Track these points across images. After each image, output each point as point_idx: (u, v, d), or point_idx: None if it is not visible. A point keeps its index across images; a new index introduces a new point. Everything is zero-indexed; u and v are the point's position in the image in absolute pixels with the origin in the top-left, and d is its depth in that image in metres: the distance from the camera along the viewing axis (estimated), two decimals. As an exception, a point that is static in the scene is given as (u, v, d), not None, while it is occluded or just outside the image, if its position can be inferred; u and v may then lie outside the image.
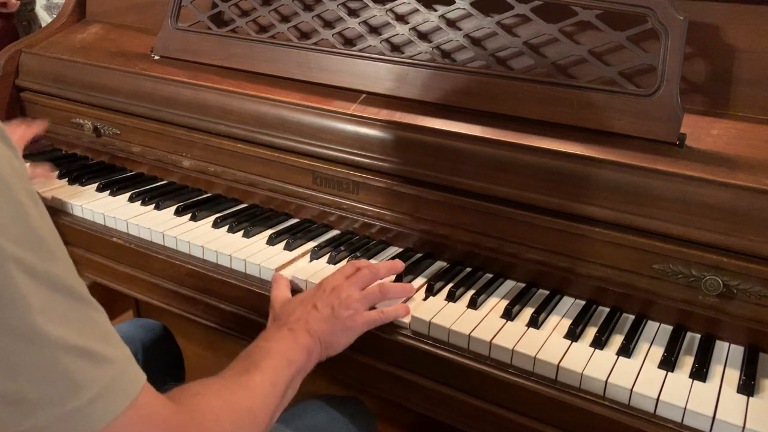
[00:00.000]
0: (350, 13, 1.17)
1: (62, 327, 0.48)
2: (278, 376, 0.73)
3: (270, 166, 1.16)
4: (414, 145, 1.02)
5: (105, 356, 0.51)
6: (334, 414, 0.96)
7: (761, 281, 0.81)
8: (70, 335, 0.48)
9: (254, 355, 0.75)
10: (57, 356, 0.47)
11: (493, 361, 0.83)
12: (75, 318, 0.49)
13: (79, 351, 0.49)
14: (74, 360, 0.48)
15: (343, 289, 0.87)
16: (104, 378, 0.50)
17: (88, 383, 0.49)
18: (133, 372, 0.54)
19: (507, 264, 0.99)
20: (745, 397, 0.76)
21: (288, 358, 0.76)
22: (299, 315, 0.83)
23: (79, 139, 1.42)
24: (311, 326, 0.82)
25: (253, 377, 0.70)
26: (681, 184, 0.84)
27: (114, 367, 0.51)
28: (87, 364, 0.49)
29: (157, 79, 1.27)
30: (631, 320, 0.90)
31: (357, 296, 0.87)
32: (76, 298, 0.50)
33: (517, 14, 1.01)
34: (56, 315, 0.48)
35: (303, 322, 0.82)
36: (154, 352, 1.18)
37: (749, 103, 0.92)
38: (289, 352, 0.77)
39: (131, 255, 1.12)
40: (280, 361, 0.75)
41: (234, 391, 0.67)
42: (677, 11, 0.89)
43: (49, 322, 0.47)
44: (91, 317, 0.51)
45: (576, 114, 0.96)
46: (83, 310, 0.51)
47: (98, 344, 0.51)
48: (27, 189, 0.49)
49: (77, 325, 0.49)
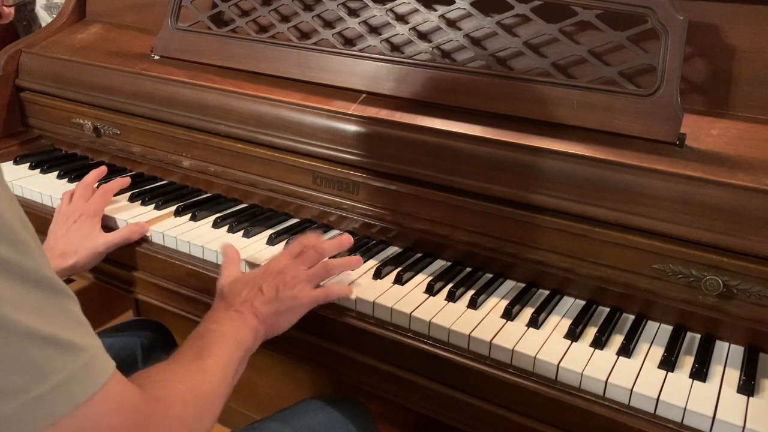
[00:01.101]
0: (350, 13, 1.17)
1: (32, 317, 0.48)
2: (229, 358, 0.76)
3: (270, 166, 1.16)
4: (414, 145, 1.02)
5: (74, 344, 0.51)
6: (333, 414, 0.96)
7: (761, 281, 0.81)
8: (39, 325, 0.49)
9: (206, 338, 0.76)
10: (25, 345, 0.48)
11: (493, 361, 0.83)
12: (46, 308, 0.50)
13: (48, 340, 0.49)
14: (41, 349, 0.49)
15: (288, 271, 0.89)
16: (71, 366, 0.50)
17: (53, 371, 0.49)
18: (102, 360, 0.54)
19: (507, 264, 0.99)
20: (745, 397, 0.76)
21: (237, 339, 0.79)
22: (245, 297, 0.85)
23: (79, 139, 1.42)
24: (257, 308, 0.84)
25: (207, 361, 0.72)
26: (681, 184, 0.84)
27: (83, 355, 0.52)
28: (54, 353, 0.49)
29: (157, 79, 1.27)
30: (631, 320, 0.90)
31: (302, 276, 0.89)
32: (48, 289, 0.50)
33: (517, 14, 1.01)
34: (26, 306, 0.48)
35: (249, 304, 0.84)
36: (153, 351, 1.18)
37: (749, 103, 0.92)
38: (238, 333, 0.80)
39: (131, 255, 1.12)
40: (230, 343, 0.77)
41: (194, 375, 0.69)
42: (677, 11, 0.89)
43: (19, 313, 0.47)
44: (62, 307, 0.52)
45: (576, 114, 0.96)
46: (55, 301, 0.51)
47: (68, 333, 0.51)
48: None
49: (47, 315, 0.50)
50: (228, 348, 0.76)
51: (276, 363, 1.54)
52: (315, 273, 0.91)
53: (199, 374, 0.69)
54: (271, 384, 1.58)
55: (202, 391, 0.68)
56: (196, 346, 0.75)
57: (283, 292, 0.87)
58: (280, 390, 1.57)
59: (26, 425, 0.48)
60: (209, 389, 0.69)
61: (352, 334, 0.92)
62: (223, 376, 0.73)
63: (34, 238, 0.51)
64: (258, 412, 1.59)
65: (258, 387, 1.61)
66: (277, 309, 0.86)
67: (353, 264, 0.97)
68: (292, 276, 0.88)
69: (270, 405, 1.49)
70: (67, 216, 1.06)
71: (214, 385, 0.70)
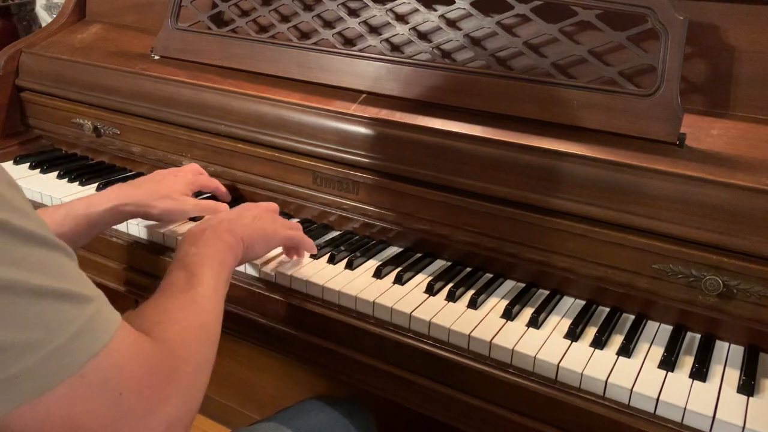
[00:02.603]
0: (350, 13, 1.17)
1: (38, 274, 0.49)
2: (216, 281, 0.76)
3: (270, 166, 1.16)
4: (414, 145, 1.02)
5: (82, 295, 0.52)
6: (333, 414, 0.96)
7: (761, 281, 0.81)
8: (46, 280, 0.49)
9: (189, 266, 0.76)
10: (35, 302, 0.48)
11: (493, 361, 0.83)
12: (50, 264, 0.51)
13: (57, 293, 0.50)
14: (53, 302, 0.49)
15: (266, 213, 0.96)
16: (83, 315, 0.51)
17: (68, 322, 0.50)
18: (109, 310, 0.55)
19: (507, 264, 0.99)
20: (745, 397, 0.76)
21: (219, 260, 0.79)
22: (220, 219, 0.88)
23: (79, 139, 1.42)
24: (233, 227, 0.86)
25: (197, 289, 0.72)
26: (681, 184, 0.84)
27: (92, 305, 0.53)
28: (66, 305, 0.50)
29: (157, 79, 1.27)
30: (631, 320, 0.90)
31: (281, 221, 0.97)
32: (49, 246, 0.51)
33: (517, 14, 1.01)
34: (31, 264, 0.49)
35: (225, 223, 0.87)
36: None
37: (749, 103, 0.93)
38: (219, 254, 0.80)
39: (131, 255, 1.12)
40: (213, 266, 0.78)
41: (186, 308, 0.69)
42: (677, 11, 0.89)
43: (25, 271, 0.48)
44: (62, 262, 0.52)
45: (576, 114, 0.96)
46: (57, 257, 0.52)
47: (74, 285, 0.52)
48: None
49: (53, 271, 0.51)
50: (213, 271, 0.77)
51: (276, 363, 1.54)
52: (290, 224, 0.99)
53: (191, 307, 0.69)
54: (271, 384, 1.58)
55: (199, 323, 0.68)
56: (181, 276, 0.75)
57: (261, 216, 0.93)
58: (281, 390, 1.57)
59: (49, 377, 0.49)
60: (205, 319, 0.70)
61: (352, 334, 0.92)
62: (215, 301, 0.73)
63: (25, 200, 0.52)
64: (258, 412, 1.59)
65: (258, 387, 1.61)
66: (254, 231, 0.89)
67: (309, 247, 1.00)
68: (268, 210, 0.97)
69: (270, 405, 1.50)
70: (167, 172, 1.12)
71: (208, 313, 0.71)
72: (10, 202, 0.49)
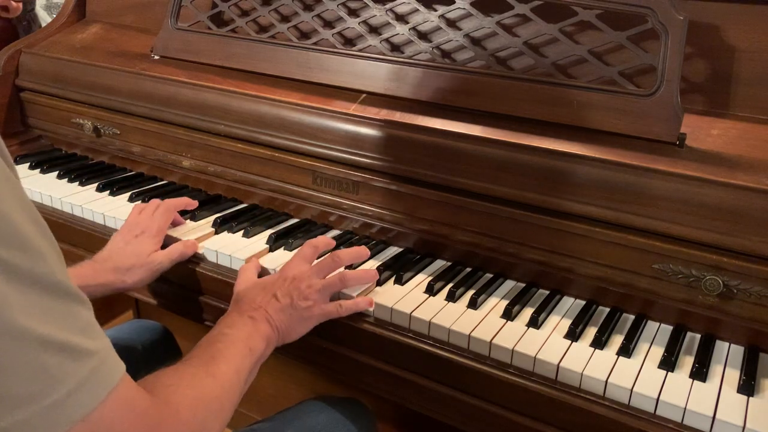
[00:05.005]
0: (350, 13, 1.17)
1: (43, 323, 0.48)
2: (241, 364, 0.75)
3: (270, 166, 1.16)
4: (414, 145, 1.02)
5: (85, 349, 0.51)
6: (334, 415, 0.96)
7: (761, 281, 0.81)
8: (50, 331, 0.49)
9: (218, 343, 0.76)
10: (37, 353, 0.48)
11: (493, 361, 0.83)
12: (56, 313, 0.50)
13: (59, 346, 0.49)
14: (54, 355, 0.49)
15: (303, 279, 0.88)
16: (83, 371, 0.51)
17: (66, 377, 0.49)
18: (112, 363, 0.54)
19: (507, 264, 0.99)
20: (745, 397, 0.76)
21: (249, 346, 0.78)
22: (260, 303, 0.85)
23: (79, 139, 1.42)
24: (271, 315, 0.84)
25: (219, 366, 0.72)
26: (681, 184, 0.84)
27: (93, 359, 0.52)
28: (66, 359, 0.50)
29: (157, 79, 1.27)
30: (631, 320, 0.90)
31: (317, 286, 0.88)
32: (58, 293, 0.51)
33: (517, 14, 1.01)
34: (37, 312, 0.48)
35: (263, 311, 0.84)
36: (154, 353, 1.18)
37: (749, 103, 0.93)
38: (250, 340, 0.79)
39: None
40: (242, 349, 0.77)
41: (203, 380, 0.68)
42: (677, 11, 0.89)
43: (30, 319, 0.48)
44: (72, 311, 0.52)
45: (576, 114, 0.96)
46: (65, 305, 0.51)
47: (78, 337, 0.51)
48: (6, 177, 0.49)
49: (58, 321, 0.50)
50: (240, 354, 0.76)
51: (276, 363, 1.54)
52: (331, 283, 0.90)
53: (208, 379, 0.69)
54: (271, 384, 1.58)
55: (212, 396, 0.67)
56: (208, 351, 0.74)
57: (298, 301, 0.86)
58: (281, 390, 1.57)
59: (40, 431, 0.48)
60: (219, 394, 0.69)
61: (352, 334, 0.92)
62: (234, 382, 0.72)
63: (48, 241, 0.51)
64: (258, 412, 1.59)
65: (258, 387, 1.60)
66: (290, 317, 0.85)
67: (369, 277, 0.94)
68: (308, 285, 0.87)
69: (270, 405, 1.49)
70: (130, 228, 1.03)
71: (224, 391, 0.70)
72: (26, 240, 0.48)
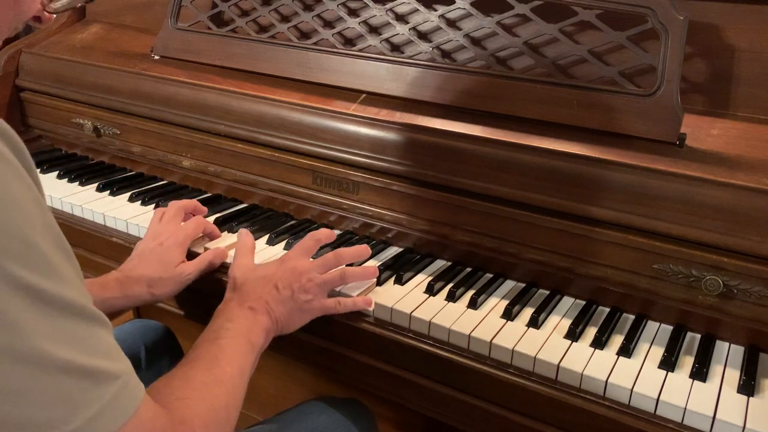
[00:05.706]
0: (350, 13, 1.17)
1: (67, 348, 0.49)
2: (244, 363, 0.76)
3: (270, 166, 1.16)
4: (414, 145, 1.02)
5: (108, 372, 0.52)
6: (335, 416, 0.95)
7: (761, 281, 0.81)
8: (74, 356, 0.49)
9: (221, 339, 0.77)
10: (61, 378, 0.48)
11: (493, 361, 0.83)
12: (80, 337, 0.50)
13: (83, 371, 0.50)
14: (77, 380, 0.49)
15: (304, 272, 0.89)
16: (105, 396, 0.51)
17: (89, 402, 0.50)
18: (133, 386, 0.55)
19: (507, 264, 0.99)
20: (745, 397, 0.76)
21: (251, 341, 0.79)
22: (260, 293, 0.85)
23: (79, 139, 1.42)
24: (271, 307, 0.84)
25: (224, 369, 0.72)
26: (681, 184, 0.84)
27: (116, 383, 0.52)
28: (89, 384, 0.50)
29: (157, 79, 1.27)
30: (631, 320, 0.90)
31: (318, 281, 0.89)
32: (82, 317, 0.51)
33: (517, 14, 1.01)
34: (61, 336, 0.48)
35: (263, 302, 0.84)
36: (156, 353, 1.18)
37: (749, 103, 0.92)
38: (251, 334, 0.80)
39: (131, 255, 1.12)
40: (244, 346, 0.78)
41: (213, 390, 0.69)
42: (677, 11, 0.89)
43: (54, 344, 0.48)
44: (96, 334, 0.52)
45: (576, 114, 0.96)
46: (89, 329, 0.51)
47: (101, 361, 0.52)
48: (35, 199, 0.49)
49: (82, 345, 0.50)
50: (242, 352, 0.77)
51: (277, 363, 1.54)
52: (331, 279, 0.90)
53: (216, 387, 0.70)
54: (271, 384, 1.58)
55: (221, 406, 0.68)
56: (211, 351, 0.75)
57: (298, 294, 0.87)
58: (281, 390, 1.57)
59: None
60: (227, 401, 0.70)
61: (352, 334, 0.92)
62: (239, 384, 0.74)
63: (72, 264, 0.51)
64: (259, 413, 1.59)
65: (259, 387, 1.60)
66: (290, 309, 0.86)
67: (369, 274, 0.95)
68: (308, 278, 0.88)
69: (271, 405, 1.50)
70: (155, 236, 1.00)
71: (232, 397, 0.71)
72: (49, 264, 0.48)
